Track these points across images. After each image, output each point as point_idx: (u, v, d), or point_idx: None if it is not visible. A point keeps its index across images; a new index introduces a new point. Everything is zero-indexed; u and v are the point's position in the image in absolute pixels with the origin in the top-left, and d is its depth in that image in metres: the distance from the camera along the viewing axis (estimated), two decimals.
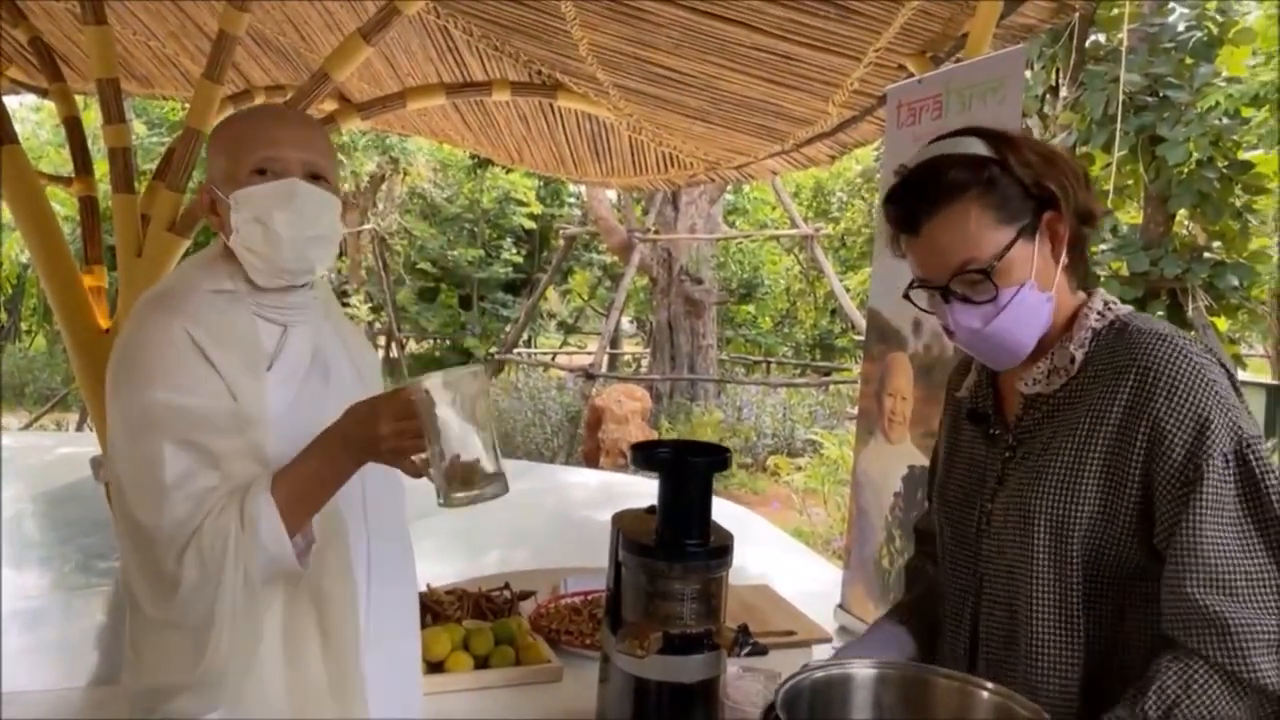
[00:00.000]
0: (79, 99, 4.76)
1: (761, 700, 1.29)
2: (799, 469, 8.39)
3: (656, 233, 10.79)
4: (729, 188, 12.97)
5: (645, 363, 14.00)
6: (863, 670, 1.07)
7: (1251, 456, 1.16)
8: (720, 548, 1.29)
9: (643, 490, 7.40)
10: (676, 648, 1.26)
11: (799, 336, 15.44)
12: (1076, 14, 4.11)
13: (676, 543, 1.27)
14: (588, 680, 1.62)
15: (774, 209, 15.50)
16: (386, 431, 1.15)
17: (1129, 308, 1.31)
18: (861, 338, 10.82)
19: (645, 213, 11.90)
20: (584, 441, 9.50)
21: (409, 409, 1.14)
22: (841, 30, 3.36)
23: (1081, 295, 1.31)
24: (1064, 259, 1.26)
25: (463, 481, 1.11)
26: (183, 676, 1.18)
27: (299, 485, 1.21)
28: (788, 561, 5.30)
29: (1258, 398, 7.49)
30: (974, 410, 1.36)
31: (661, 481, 1.30)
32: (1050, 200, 1.23)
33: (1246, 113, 4.97)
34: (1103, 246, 5.57)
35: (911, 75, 3.37)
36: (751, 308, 14.92)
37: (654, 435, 9.26)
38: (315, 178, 1.34)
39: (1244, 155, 5.24)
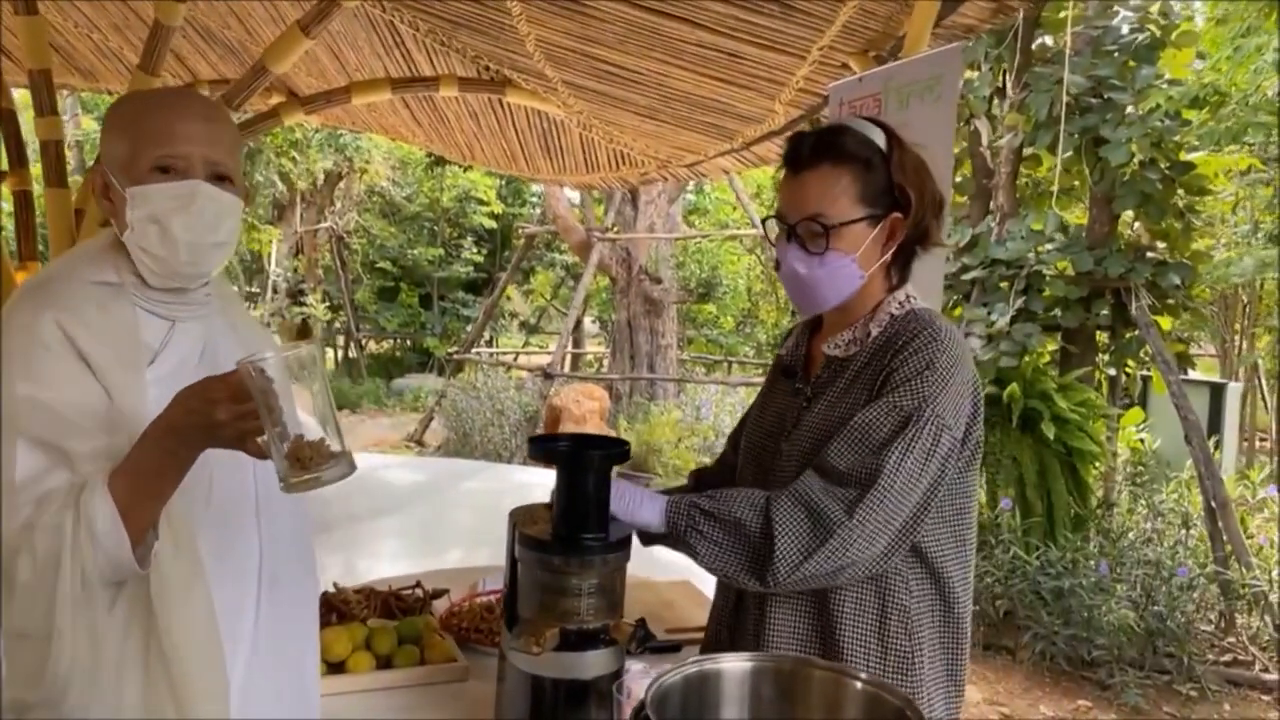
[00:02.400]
0: (16, 93, 4.64)
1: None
2: None
3: (616, 232, 10.77)
4: (690, 187, 12.98)
5: (606, 362, 13.98)
6: (736, 664, 1.06)
7: (913, 426, 1.36)
8: (618, 541, 1.27)
9: None
10: (573, 644, 1.24)
11: (760, 336, 15.47)
12: (1019, 15, 4.14)
13: (573, 537, 1.25)
14: (488, 675, 1.60)
15: (735, 209, 15.54)
16: (224, 416, 1.10)
17: (926, 304, 1.52)
18: None
19: (606, 212, 11.88)
20: None
21: (244, 390, 1.08)
22: (786, 28, 3.36)
23: (890, 291, 1.51)
24: (888, 256, 1.47)
25: (305, 462, 1.06)
26: (30, 689, 1.13)
27: (137, 481, 1.14)
28: None
29: (1201, 396, 7.62)
30: (787, 366, 1.62)
31: (558, 474, 1.27)
32: (903, 205, 1.45)
33: (1188, 115, 5.05)
34: (1048, 246, 5.63)
35: (854, 74, 3.38)
36: (713, 307, 14.94)
37: (612, 434, 9.23)
38: (219, 178, 1.30)
39: (1185, 156, 5.32)
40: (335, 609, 1.69)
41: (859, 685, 1.02)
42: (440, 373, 15.18)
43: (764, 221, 1.54)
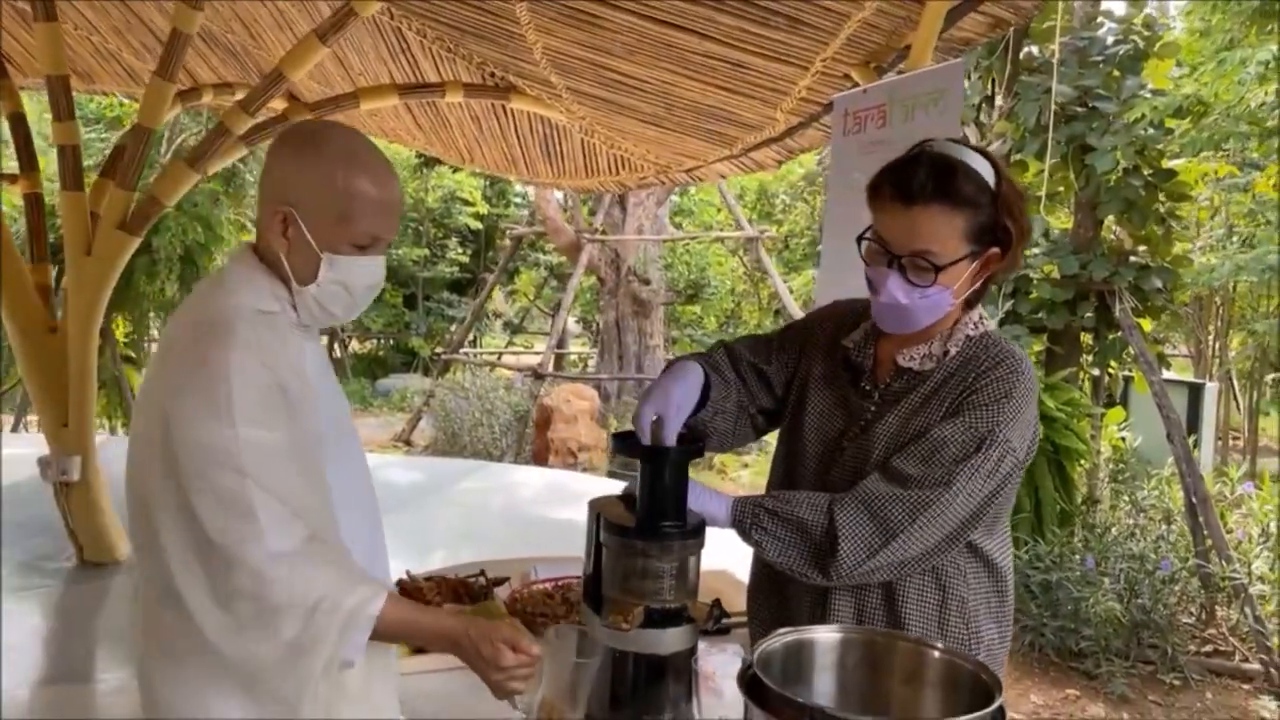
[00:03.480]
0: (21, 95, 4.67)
1: (729, 671, 1.39)
2: (746, 466, 8.55)
3: (604, 233, 10.88)
4: (675, 190, 13.12)
5: (592, 362, 14.09)
6: (828, 635, 1.18)
7: (984, 449, 1.45)
8: (695, 528, 1.39)
9: (590, 489, 7.44)
10: (656, 621, 1.35)
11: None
12: (1011, 28, 4.29)
13: (655, 524, 1.36)
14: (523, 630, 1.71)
15: (719, 211, 15.70)
16: (508, 662, 1.29)
17: (994, 326, 1.62)
18: None
19: (592, 214, 11.99)
20: (533, 441, 9.54)
21: (532, 654, 1.29)
22: (790, 40, 3.47)
23: (966, 308, 1.58)
24: (978, 284, 1.54)
25: None
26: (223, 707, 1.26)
27: (397, 628, 1.31)
28: (745, 550, 5.42)
29: (1179, 396, 7.84)
30: (853, 362, 1.64)
31: (642, 467, 1.39)
32: (1003, 242, 1.49)
33: (1170, 123, 5.24)
34: (1035, 251, 5.80)
35: (856, 85, 3.50)
36: (697, 308, 15.09)
37: (603, 434, 9.34)
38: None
39: (1167, 164, 5.50)
40: (410, 595, 1.80)
41: (936, 654, 1.14)
42: (425, 373, 15.22)
43: (859, 240, 1.55)
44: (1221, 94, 4.87)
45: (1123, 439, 6.44)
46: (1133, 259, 5.77)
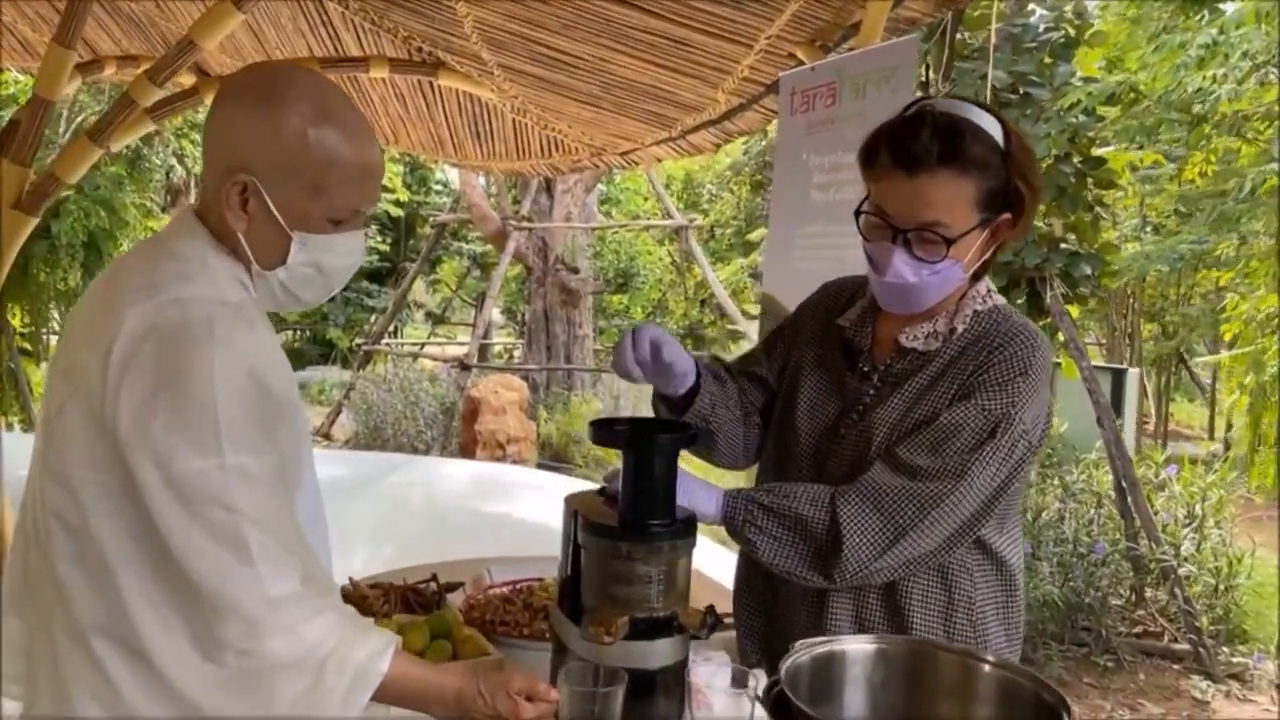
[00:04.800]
0: None
1: (718, 683, 1.26)
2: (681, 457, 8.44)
3: (531, 221, 10.66)
4: (603, 178, 12.94)
5: (518, 353, 13.84)
6: (861, 645, 1.05)
7: (999, 434, 1.33)
8: (686, 526, 1.24)
9: (521, 481, 7.32)
10: (643, 632, 1.21)
11: (670, 326, 15.55)
12: (950, 13, 4.25)
13: (641, 523, 1.22)
14: (521, 667, 1.55)
15: (646, 199, 15.57)
16: (528, 716, 1.16)
17: (1003, 299, 1.47)
18: (734, 327, 11.02)
19: (518, 201, 11.74)
20: (460, 433, 9.30)
21: (550, 699, 1.17)
22: (734, 16, 3.36)
23: (972, 281, 1.43)
24: (989, 254, 1.40)
25: None
26: None
27: (401, 685, 1.14)
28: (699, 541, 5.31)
29: (1104, 381, 8.01)
30: (850, 342, 1.51)
31: (625, 458, 1.24)
32: (1014, 206, 1.36)
33: (1102, 111, 5.28)
34: None
35: (802, 63, 3.41)
36: (624, 298, 14.95)
37: (532, 426, 9.15)
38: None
39: (1096, 151, 5.56)
40: (353, 604, 1.62)
41: (987, 668, 1.01)
42: (344, 365, 14.76)
43: (857, 215, 1.41)
44: (1160, 80, 4.91)
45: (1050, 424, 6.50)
46: (1063, 246, 5.82)
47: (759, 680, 1.22)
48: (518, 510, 5.40)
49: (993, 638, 1.44)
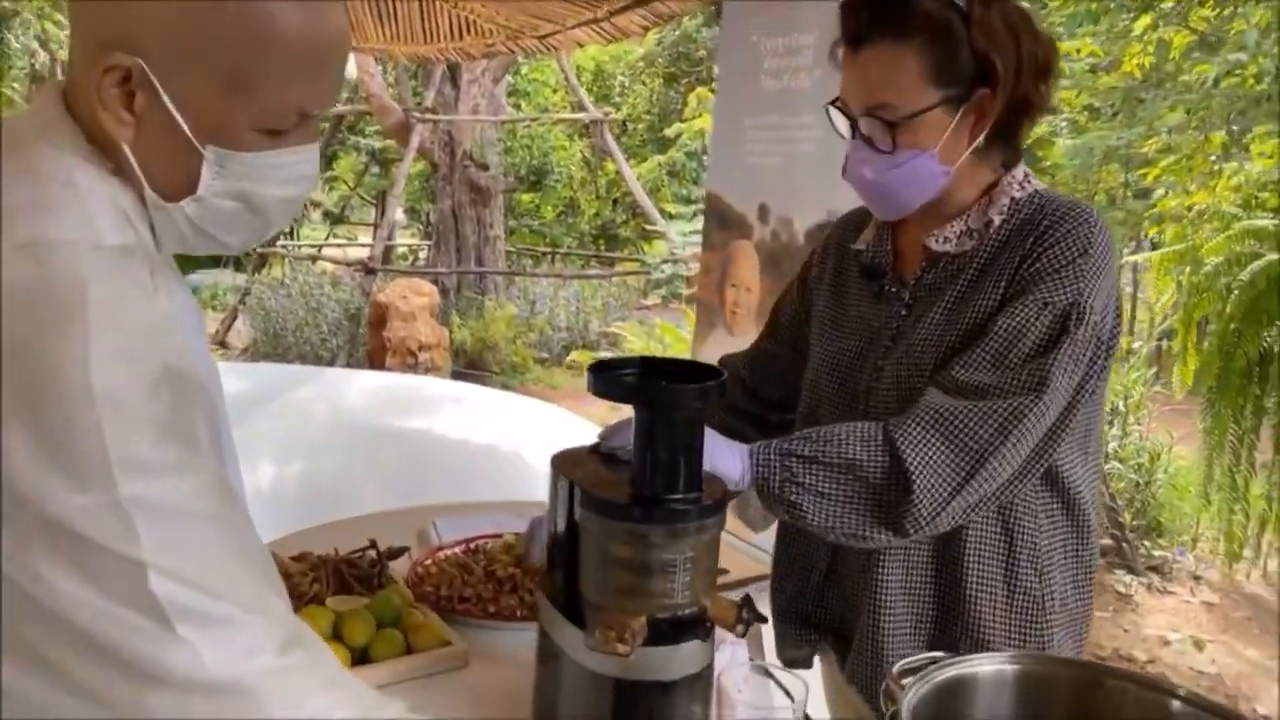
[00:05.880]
0: None
1: (737, 676, 1.02)
2: None
3: (436, 113, 9.98)
4: (510, 68, 12.21)
5: (424, 255, 13.22)
6: (995, 666, 0.80)
7: (1073, 328, 1.12)
8: (717, 500, 0.97)
9: (437, 392, 6.97)
10: (665, 635, 0.95)
11: (583, 226, 15.11)
12: None
13: (661, 498, 0.94)
14: (490, 658, 1.29)
15: (555, 91, 14.85)
16: None
17: (1044, 184, 1.26)
18: (652, 227, 10.70)
19: (419, 92, 10.99)
20: (367, 341, 8.83)
21: None
22: None
23: (1002, 170, 1.25)
24: (980, 140, 1.19)
25: None
26: None
27: None
28: None
29: None
30: (871, 264, 1.32)
31: (639, 417, 0.95)
32: (990, 77, 1.16)
33: None
34: None
35: None
36: (533, 197, 14.37)
37: (444, 332, 8.74)
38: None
39: None
40: None
41: (1176, 704, 0.77)
42: (238, 268, 13.92)
43: (827, 109, 1.23)
44: None
45: None
46: None
47: (805, 691, 0.98)
48: (438, 425, 5.09)
49: (1058, 591, 1.23)
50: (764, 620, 1.02)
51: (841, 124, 1.23)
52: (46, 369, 0.70)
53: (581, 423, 6.14)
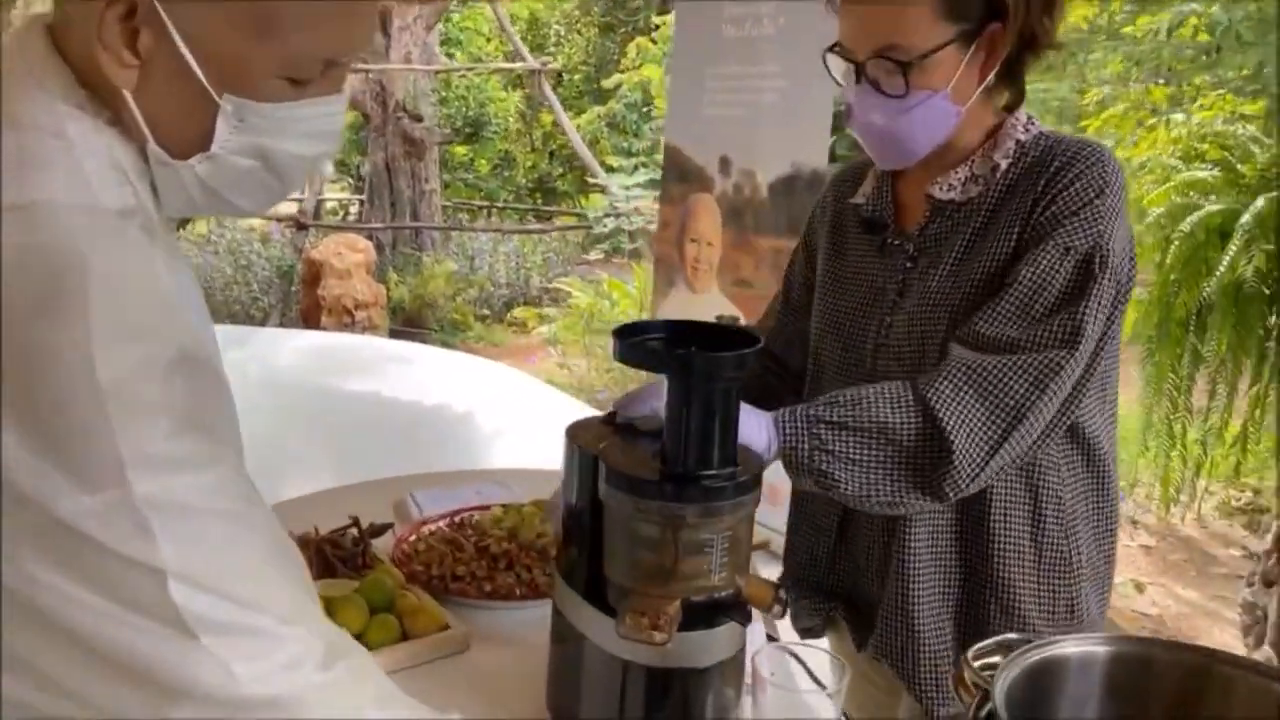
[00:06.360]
0: None
1: (794, 677, 0.97)
2: (544, 319, 8.07)
3: (366, 62, 9.62)
4: (443, 16, 11.82)
5: (355, 209, 12.84)
6: (1087, 648, 0.75)
7: (1098, 274, 1.09)
8: (756, 475, 0.91)
9: (380, 352, 6.79)
10: (700, 619, 0.89)
11: (519, 180, 14.80)
12: None
13: (694, 475, 0.88)
14: (492, 640, 1.22)
15: (489, 40, 14.44)
16: None
17: (1050, 127, 1.23)
18: (593, 180, 10.51)
19: None
20: (301, 299, 8.56)
21: None
22: None
23: (1004, 114, 1.21)
24: (991, 78, 1.15)
25: None
26: None
27: None
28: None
29: None
30: (871, 217, 1.27)
31: (672, 389, 0.88)
32: (1000, 10, 1.11)
33: None
34: None
35: None
36: (467, 149, 14.01)
37: (381, 289, 8.51)
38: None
39: None
40: None
41: None
42: None
43: (824, 56, 1.18)
44: None
45: None
46: None
47: (844, 675, 0.94)
48: (385, 387, 4.94)
49: (1084, 548, 1.21)
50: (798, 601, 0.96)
51: (839, 70, 1.18)
52: (44, 354, 0.61)
53: (531, 381, 6.04)
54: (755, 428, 1.02)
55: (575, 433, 0.97)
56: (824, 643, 1.36)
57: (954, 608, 1.20)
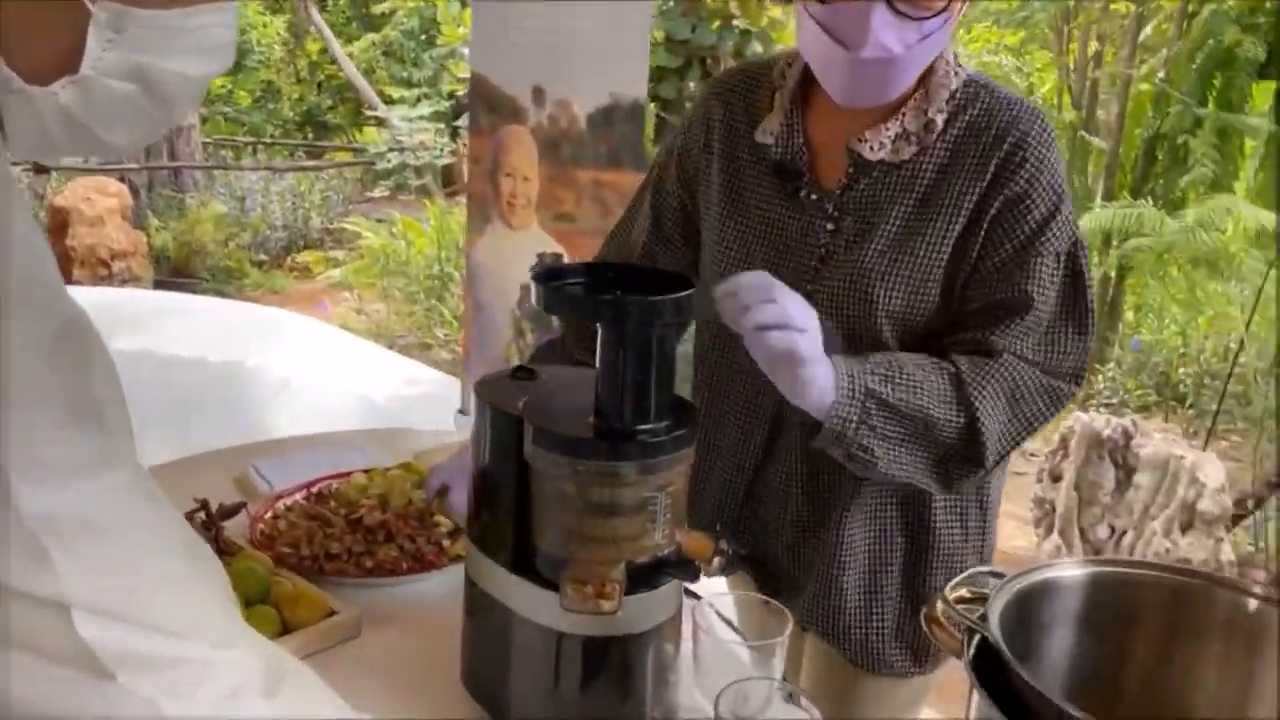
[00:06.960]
0: None
1: (702, 615, 0.94)
2: (330, 263, 7.61)
3: None
4: None
5: None
6: (1075, 572, 0.76)
7: (1080, 270, 1.10)
8: (691, 427, 0.86)
9: (149, 305, 6.18)
10: (643, 580, 0.84)
11: (286, 113, 13.78)
12: None
13: (632, 430, 0.82)
14: (383, 621, 1.11)
15: None
16: None
17: (968, 66, 1.14)
18: (372, 112, 9.93)
19: None
20: None
21: None
22: None
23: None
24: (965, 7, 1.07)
25: None
26: None
27: None
28: (387, 372, 4.75)
29: None
30: (782, 163, 1.13)
31: (605, 339, 0.81)
32: None
33: None
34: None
35: None
36: (225, 80, 12.84)
37: (141, 237, 7.72)
38: None
39: None
40: None
41: (1253, 603, 0.75)
42: None
43: None
44: None
45: None
46: (735, 23, 5.71)
47: (786, 625, 0.91)
48: (160, 344, 4.49)
49: (991, 505, 1.23)
50: (742, 555, 0.93)
51: None
52: None
53: (324, 328, 5.70)
54: (825, 390, 0.96)
55: (486, 390, 0.88)
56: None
57: (897, 571, 1.19)
